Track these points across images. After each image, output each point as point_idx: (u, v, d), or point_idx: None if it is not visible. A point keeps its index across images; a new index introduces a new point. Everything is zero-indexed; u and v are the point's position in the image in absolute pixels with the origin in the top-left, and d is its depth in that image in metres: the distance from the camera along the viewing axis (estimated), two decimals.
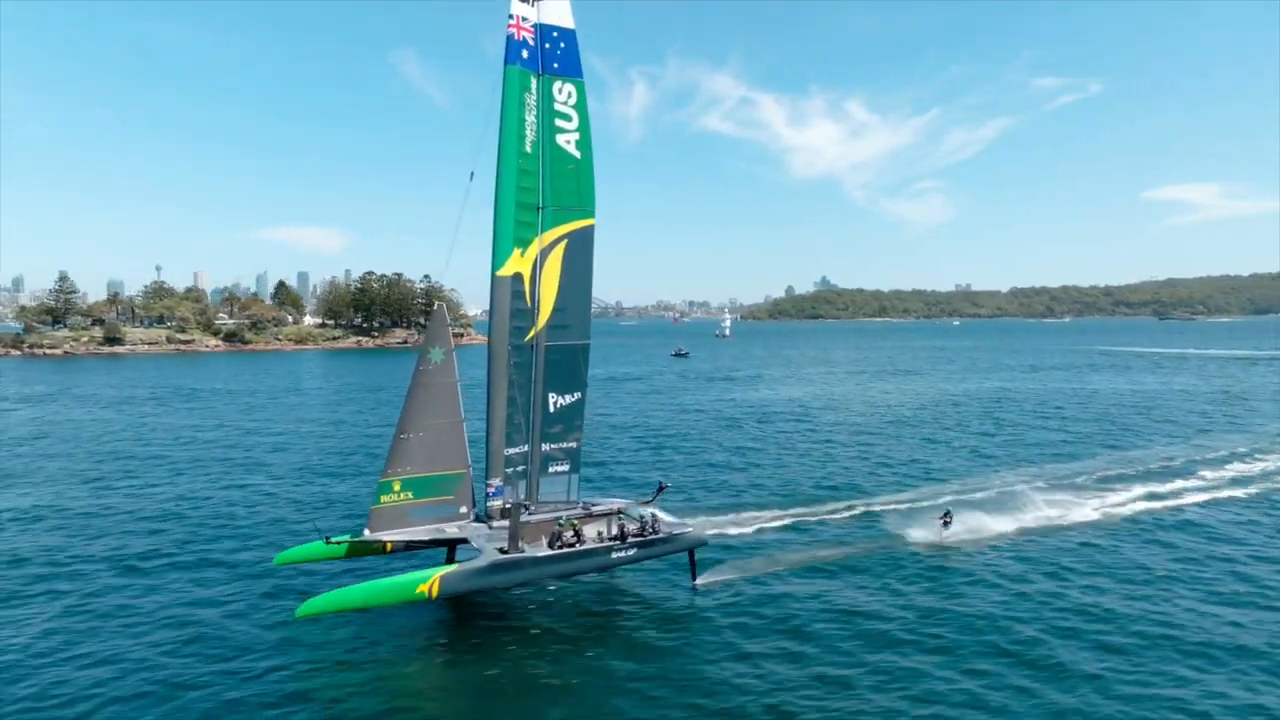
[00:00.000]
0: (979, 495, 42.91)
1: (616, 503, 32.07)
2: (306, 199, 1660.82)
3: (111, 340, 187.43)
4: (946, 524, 35.47)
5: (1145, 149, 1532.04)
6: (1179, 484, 46.23)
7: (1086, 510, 40.38)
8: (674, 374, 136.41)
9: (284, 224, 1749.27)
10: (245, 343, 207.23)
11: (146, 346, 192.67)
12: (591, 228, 30.10)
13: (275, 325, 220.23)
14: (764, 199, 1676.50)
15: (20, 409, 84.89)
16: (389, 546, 28.45)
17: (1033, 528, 37.32)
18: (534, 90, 28.87)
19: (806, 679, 23.44)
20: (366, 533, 27.56)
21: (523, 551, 27.16)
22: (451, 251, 30.35)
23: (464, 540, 28.56)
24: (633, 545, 28.64)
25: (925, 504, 41.06)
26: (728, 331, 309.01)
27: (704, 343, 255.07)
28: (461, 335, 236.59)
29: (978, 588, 30.04)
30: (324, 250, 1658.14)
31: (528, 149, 28.76)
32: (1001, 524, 37.26)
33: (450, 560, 29.85)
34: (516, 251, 28.84)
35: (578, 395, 30.60)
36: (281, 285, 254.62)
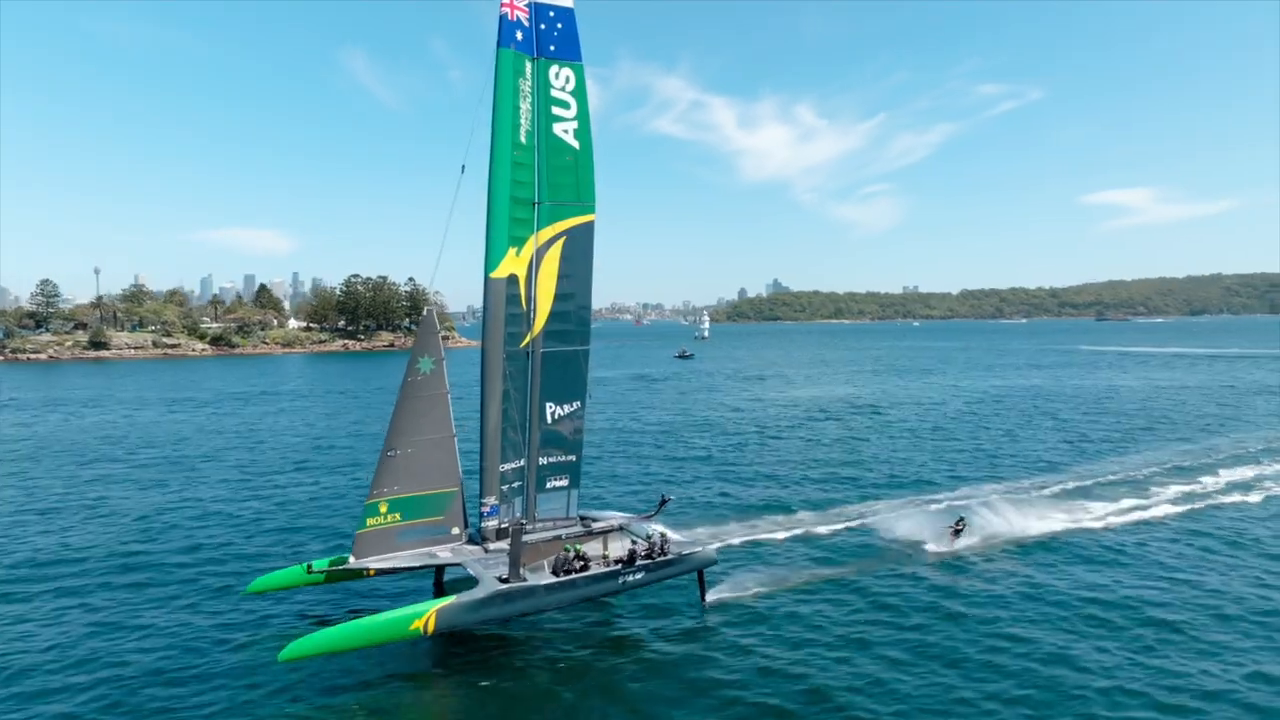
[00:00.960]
0: (994, 498, 39.37)
1: (617, 517, 28.39)
2: (251, 200, 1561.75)
3: (97, 344, 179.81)
4: (958, 533, 32.26)
5: (1081, 154, 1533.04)
6: (1187, 486, 43.05)
7: (1109, 515, 37.02)
8: (680, 374, 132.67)
9: (226, 226, 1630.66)
10: (232, 346, 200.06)
11: (133, 351, 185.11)
12: (591, 224, 26.42)
13: (261, 329, 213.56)
14: (716, 201, 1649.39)
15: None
16: (371, 572, 24.66)
17: (1052, 532, 34.08)
18: (529, 75, 25.16)
19: (825, 705, 20.68)
20: (352, 559, 23.77)
21: (524, 579, 23.54)
22: (441, 252, 26.59)
23: (456, 564, 24.87)
24: (641, 568, 25.11)
25: (940, 509, 37.52)
26: (706, 333, 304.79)
27: (686, 344, 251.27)
28: (447, 338, 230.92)
29: (991, 601, 26.93)
30: (270, 252, 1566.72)
31: (522, 139, 25.06)
32: (1018, 530, 34.01)
33: (439, 583, 26.19)
34: (511, 251, 25.10)
35: (577, 404, 26.93)
36: (263, 289, 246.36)
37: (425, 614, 21.71)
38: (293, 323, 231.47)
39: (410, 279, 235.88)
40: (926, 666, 22.59)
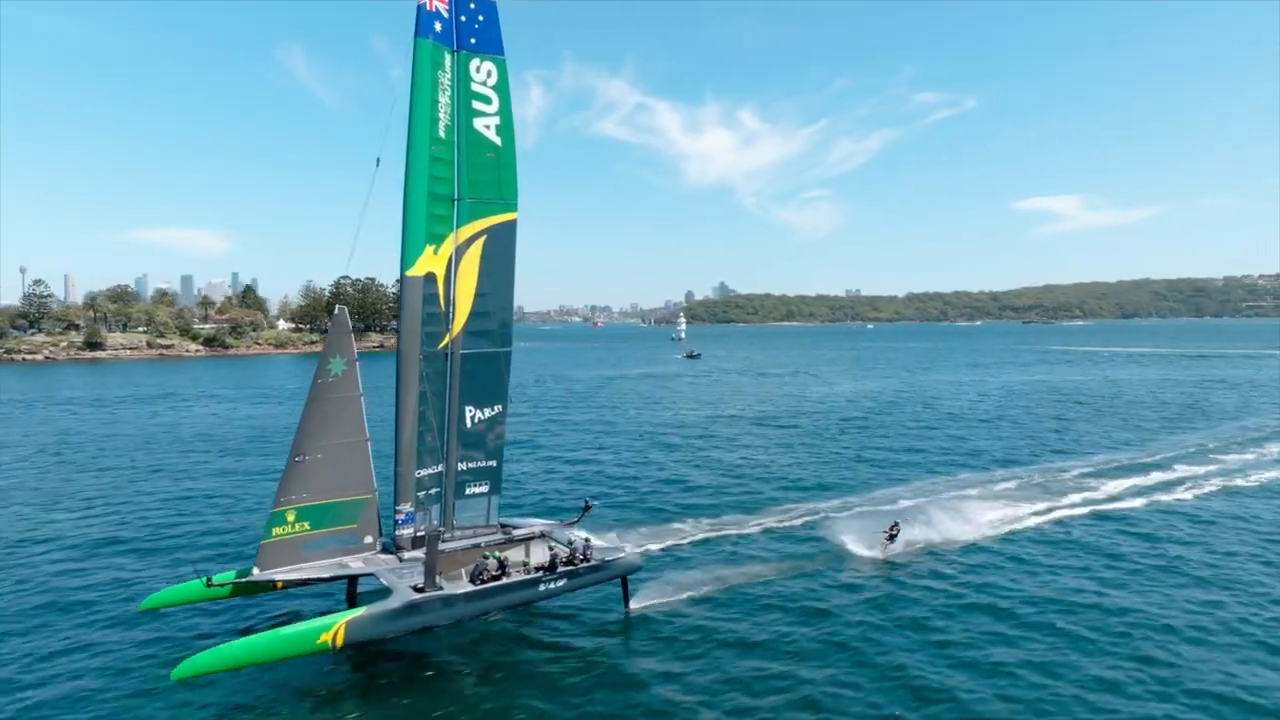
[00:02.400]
0: (935, 498, 36.97)
1: (539, 525, 25.81)
2: (184, 199, 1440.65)
3: (92, 345, 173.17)
4: (892, 537, 29.76)
5: (1012, 162, 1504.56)
6: (1134, 481, 41.20)
7: (1052, 514, 34.59)
8: (693, 373, 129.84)
9: (158, 225, 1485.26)
10: (226, 347, 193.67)
11: (129, 351, 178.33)
12: (514, 222, 23.91)
13: (253, 330, 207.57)
14: (661, 204, 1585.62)
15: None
16: (279, 584, 21.95)
17: (988, 535, 31.67)
18: (448, 68, 22.61)
19: (748, 707, 18.87)
20: (255, 571, 21.05)
21: (440, 589, 21.03)
22: (354, 248, 23.91)
23: (369, 574, 22.26)
24: (563, 575, 22.67)
25: (878, 510, 34.96)
26: (683, 334, 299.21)
27: (657, 345, 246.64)
28: None
29: (920, 606, 24.83)
30: (206, 252, 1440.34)
31: (441, 134, 22.49)
32: (953, 533, 31.57)
33: (352, 595, 23.46)
34: (429, 249, 22.59)
35: (498, 408, 24.37)
36: (249, 290, 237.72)
37: (333, 626, 19.18)
38: (282, 324, 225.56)
39: (399, 280, 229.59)
40: (851, 671, 20.63)
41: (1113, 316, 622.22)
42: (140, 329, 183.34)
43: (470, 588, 21.37)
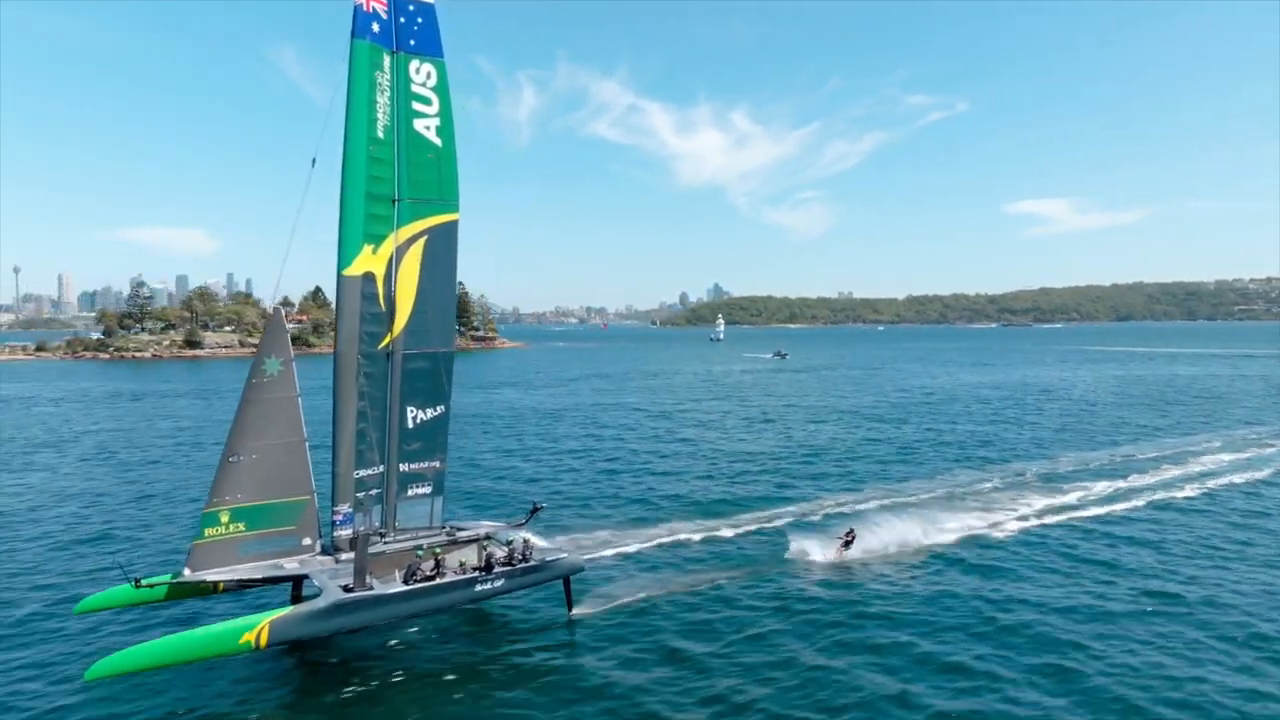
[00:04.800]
0: (897, 503, 32.85)
1: (485, 526, 22.91)
2: (177, 199, 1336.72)
3: (191, 344, 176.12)
4: (848, 544, 26.08)
5: (1002, 165, 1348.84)
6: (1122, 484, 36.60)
7: (1010, 520, 30.33)
8: (796, 370, 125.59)
9: (148, 224, 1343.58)
10: (309, 345, 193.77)
11: (224, 350, 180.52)
12: (455, 223, 21.16)
13: (332, 330, 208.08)
14: (655, 205, 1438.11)
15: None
16: (220, 586, 19.52)
17: (944, 543, 27.67)
18: (387, 69, 19.94)
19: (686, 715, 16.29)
20: (186, 572, 18.60)
21: (372, 588, 18.44)
22: (289, 249, 21.35)
23: (305, 576, 19.72)
24: (500, 575, 19.86)
25: (838, 515, 31.06)
26: (721, 335, 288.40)
27: (701, 345, 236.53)
28: (492, 340, 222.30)
29: (871, 611, 21.49)
30: (199, 252, 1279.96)
31: (380, 134, 19.84)
32: (909, 539, 27.54)
33: (297, 598, 20.88)
34: (368, 248, 19.94)
35: (440, 409, 21.58)
36: (319, 290, 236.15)
37: (257, 626, 16.70)
38: None
39: (459, 282, 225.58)
40: (799, 676, 17.88)
41: (1108, 319, 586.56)
42: (227, 328, 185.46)
43: (402, 588, 18.73)
